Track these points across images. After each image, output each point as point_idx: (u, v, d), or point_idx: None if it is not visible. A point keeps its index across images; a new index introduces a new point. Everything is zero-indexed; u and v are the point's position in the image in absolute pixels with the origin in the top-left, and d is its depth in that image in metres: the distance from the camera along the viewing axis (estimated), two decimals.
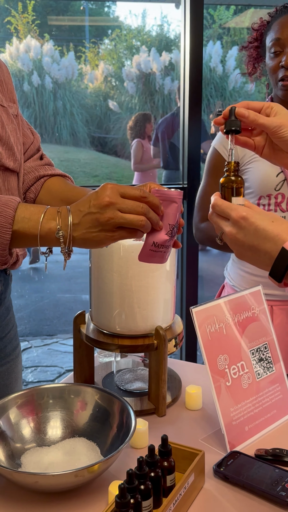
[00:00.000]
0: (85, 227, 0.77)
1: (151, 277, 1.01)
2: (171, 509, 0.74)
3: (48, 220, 0.78)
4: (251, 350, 0.98)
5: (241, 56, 6.48)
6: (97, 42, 10.79)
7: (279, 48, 1.31)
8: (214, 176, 1.45)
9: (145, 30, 10.94)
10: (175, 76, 9.39)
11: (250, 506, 0.79)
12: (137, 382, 1.12)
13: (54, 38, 10.06)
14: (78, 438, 0.91)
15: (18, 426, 0.91)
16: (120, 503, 0.69)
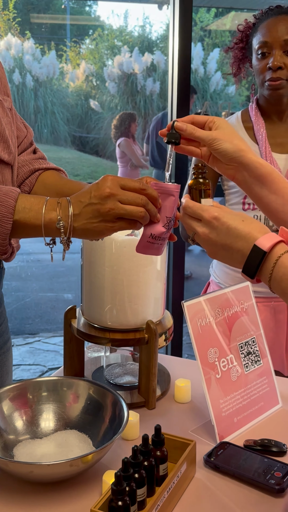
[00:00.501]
0: (86, 217, 0.78)
1: (143, 272, 1.03)
2: (165, 497, 0.75)
3: (48, 211, 0.79)
4: (240, 344, 1.00)
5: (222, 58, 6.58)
6: (78, 41, 10.76)
7: (267, 50, 1.34)
8: None
9: (127, 30, 10.95)
10: (157, 77, 9.43)
11: (241, 494, 0.81)
12: (127, 376, 1.14)
13: (35, 36, 9.99)
14: (70, 430, 0.92)
15: (11, 418, 0.91)
16: (116, 491, 0.70)
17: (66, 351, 1.12)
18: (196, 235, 0.81)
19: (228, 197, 1.47)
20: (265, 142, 1.38)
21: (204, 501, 0.80)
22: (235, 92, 9.66)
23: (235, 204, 1.44)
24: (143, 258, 1.02)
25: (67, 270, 5.08)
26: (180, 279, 2.05)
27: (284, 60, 1.32)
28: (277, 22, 1.33)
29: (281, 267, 0.72)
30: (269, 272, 0.73)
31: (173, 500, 0.78)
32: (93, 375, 1.15)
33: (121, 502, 0.70)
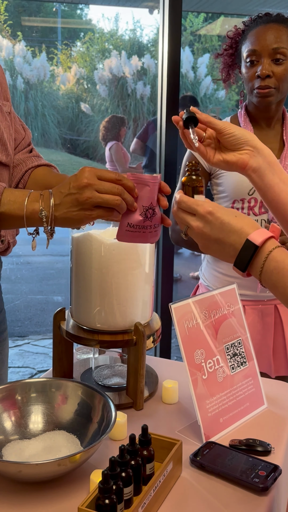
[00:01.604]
0: (66, 207, 0.83)
1: (131, 275, 1.04)
2: (151, 495, 0.77)
3: (31, 202, 0.84)
4: (226, 345, 1.02)
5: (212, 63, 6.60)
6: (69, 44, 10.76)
7: (255, 58, 1.36)
8: None
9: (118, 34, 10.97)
10: (147, 81, 9.46)
11: (226, 492, 0.83)
12: (115, 378, 1.15)
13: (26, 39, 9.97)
14: (59, 431, 0.93)
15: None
16: (103, 489, 0.71)
17: (55, 352, 1.13)
18: (190, 229, 0.83)
19: (217, 201, 1.49)
20: None
21: (190, 500, 0.82)
22: (225, 96, 9.72)
23: None
24: (131, 261, 1.03)
25: (57, 273, 5.07)
26: (169, 281, 2.06)
27: (272, 68, 1.34)
28: (266, 31, 1.35)
29: (272, 261, 0.75)
30: (260, 266, 0.76)
31: (159, 498, 0.79)
32: (82, 377, 1.16)
33: (108, 500, 0.71)
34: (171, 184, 2.02)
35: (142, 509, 0.74)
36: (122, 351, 1.19)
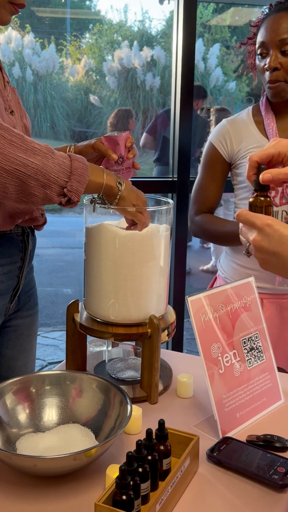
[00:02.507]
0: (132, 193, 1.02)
1: (146, 267, 1.02)
2: (169, 491, 0.75)
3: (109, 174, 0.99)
4: (243, 339, 1.00)
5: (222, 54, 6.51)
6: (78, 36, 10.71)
7: (265, 50, 1.33)
8: (210, 170, 1.47)
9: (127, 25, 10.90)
10: (157, 73, 9.39)
11: (244, 489, 0.81)
12: (129, 371, 1.13)
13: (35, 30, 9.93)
14: (73, 424, 0.92)
15: (14, 412, 0.91)
16: (121, 484, 0.70)
17: (68, 345, 1.12)
18: (250, 246, 0.79)
19: (237, 191, 1.47)
20: (275, 137, 1.37)
21: (207, 496, 0.80)
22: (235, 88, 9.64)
23: (244, 199, 1.44)
24: (146, 253, 1.02)
25: (66, 265, 5.07)
26: (182, 274, 2.05)
27: (280, 60, 1.30)
28: (276, 21, 1.31)
29: None
30: None
31: (176, 494, 0.78)
32: (95, 370, 1.15)
33: (125, 496, 0.70)
34: (184, 174, 2.00)
35: (159, 505, 0.72)
36: (136, 344, 1.17)
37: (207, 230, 1.45)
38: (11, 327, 1.18)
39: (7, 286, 1.08)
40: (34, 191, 0.89)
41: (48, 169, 0.89)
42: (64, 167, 0.91)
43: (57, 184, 0.90)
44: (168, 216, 1.08)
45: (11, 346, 1.19)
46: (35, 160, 0.87)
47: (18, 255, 1.10)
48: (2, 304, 1.08)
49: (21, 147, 0.87)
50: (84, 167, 0.93)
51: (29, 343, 1.23)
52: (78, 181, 0.92)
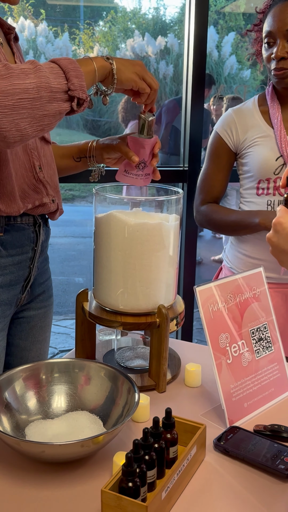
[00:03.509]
0: (125, 65, 1.00)
1: (155, 257, 1.02)
2: (175, 479, 0.76)
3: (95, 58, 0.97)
4: (251, 330, 1.00)
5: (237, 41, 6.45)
6: (91, 24, 10.63)
7: (272, 39, 1.32)
8: (215, 160, 1.46)
9: (141, 13, 10.78)
10: (170, 61, 9.30)
11: (250, 478, 0.82)
12: (137, 360, 1.14)
13: (48, 19, 9.88)
14: (82, 411, 0.93)
15: (23, 398, 0.92)
16: (127, 472, 0.71)
17: (78, 333, 1.12)
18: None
19: (242, 181, 1.46)
20: (280, 126, 1.35)
21: (213, 484, 0.81)
22: (250, 76, 9.51)
23: (249, 189, 1.43)
24: (155, 243, 1.01)
25: (79, 254, 5.09)
26: (192, 264, 2.04)
27: (287, 49, 1.29)
28: (283, 10, 1.29)
29: None
30: None
31: (182, 482, 0.78)
32: (104, 358, 1.16)
33: (132, 483, 0.70)
34: (195, 163, 1.98)
35: (165, 493, 0.73)
36: (145, 333, 1.18)
37: (212, 220, 1.44)
38: (24, 318, 1.18)
39: (18, 276, 1.09)
40: (44, 111, 0.87)
41: (46, 79, 0.86)
42: (57, 70, 0.89)
43: (60, 90, 0.88)
44: (178, 206, 1.07)
45: (24, 337, 1.19)
46: (31, 80, 0.84)
47: (29, 246, 1.10)
48: (13, 295, 1.09)
49: (12, 75, 0.83)
50: (71, 61, 0.91)
51: (42, 334, 1.22)
52: (76, 76, 0.89)
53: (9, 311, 1.09)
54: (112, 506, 0.70)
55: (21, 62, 1.10)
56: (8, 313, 1.09)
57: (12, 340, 1.17)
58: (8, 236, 1.04)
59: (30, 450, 0.79)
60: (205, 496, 0.78)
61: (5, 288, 1.06)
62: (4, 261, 1.04)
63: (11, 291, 1.07)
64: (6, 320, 1.09)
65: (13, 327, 1.16)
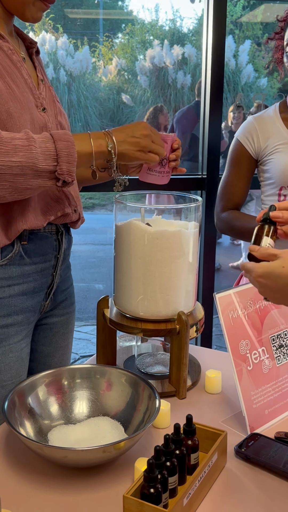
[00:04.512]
0: (128, 145, 0.99)
1: (174, 264, 1.02)
2: (196, 486, 0.75)
3: (96, 139, 0.97)
4: (272, 337, 0.98)
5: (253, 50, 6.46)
6: (111, 36, 10.74)
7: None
8: (236, 167, 1.45)
9: (158, 24, 10.85)
10: (187, 70, 9.33)
11: (271, 485, 0.80)
12: (158, 366, 1.13)
13: (68, 32, 10.01)
14: (103, 417, 0.93)
15: (46, 404, 0.93)
16: (149, 478, 0.70)
17: (99, 339, 1.13)
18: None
19: (263, 188, 1.45)
20: None
21: (234, 491, 0.79)
22: (267, 84, 9.47)
23: (271, 196, 1.42)
24: (175, 250, 1.01)
25: (99, 261, 5.11)
26: (211, 271, 2.03)
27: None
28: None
29: None
30: None
31: (204, 489, 0.78)
32: (125, 364, 1.16)
33: (153, 489, 0.70)
34: (214, 172, 1.98)
35: (187, 499, 0.72)
36: (165, 340, 1.17)
37: (233, 227, 1.43)
38: (47, 324, 1.18)
39: (41, 284, 1.09)
40: (26, 185, 0.89)
41: (34, 160, 0.87)
42: (49, 152, 0.89)
43: (46, 171, 0.89)
44: (197, 214, 1.07)
45: (47, 343, 1.19)
46: (18, 158, 0.86)
47: (52, 254, 1.11)
48: (36, 302, 1.09)
49: (1, 152, 0.86)
50: (69, 145, 0.90)
51: (65, 340, 1.23)
52: (67, 161, 0.90)
53: (33, 317, 1.10)
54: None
55: (42, 75, 1.11)
56: (32, 319, 1.09)
57: (36, 346, 1.18)
58: (31, 245, 1.05)
59: (53, 455, 0.79)
60: (226, 503, 0.77)
61: (29, 295, 1.06)
62: (28, 268, 1.05)
63: (34, 298, 1.08)
64: (30, 327, 1.09)
65: (37, 334, 1.17)
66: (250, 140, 1.43)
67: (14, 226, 1.00)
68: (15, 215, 1.00)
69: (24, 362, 1.08)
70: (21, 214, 1.00)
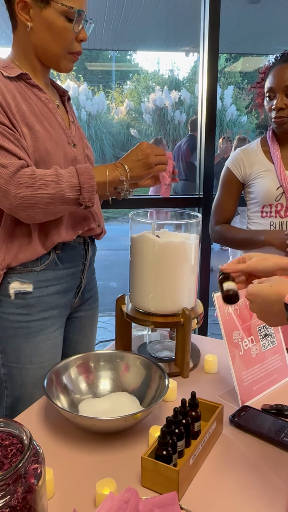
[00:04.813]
0: (138, 168, 0.99)
1: (179, 269, 1.02)
2: (199, 448, 0.75)
3: (111, 171, 0.97)
4: (258, 327, 0.98)
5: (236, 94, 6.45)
6: (121, 83, 10.78)
7: (272, 93, 1.33)
8: (227, 189, 1.46)
9: (159, 73, 10.89)
10: (183, 110, 9.35)
11: (259, 448, 0.80)
12: (165, 351, 1.13)
13: (88, 80, 10.06)
14: (122, 392, 0.93)
15: (77, 381, 0.93)
16: (162, 442, 0.70)
17: (117, 330, 1.12)
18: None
19: (249, 206, 1.45)
20: (279, 162, 1.35)
21: (229, 453, 0.79)
22: (247, 120, 9.48)
23: (255, 212, 1.42)
24: (180, 257, 1.01)
25: (112, 264, 5.11)
26: (207, 272, 2.03)
27: (285, 102, 1.30)
28: (282, 70, 1.30)
29: None
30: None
31: (206, 451, 0.77)
32: (138, 350, 1.15)
33: (165, 452, 0.70)
34: (209, 192, 1.98)
35: (192, 459, 0.72)
36: (171, 330, 1.17)
37: (225, 237, 1.43)
38: (76, 317, 1.18)
39: (72, 285, 1.10)
40: (56, 210, 0.93)
41: (61, 192, 0.90)
42: (74, 185, 0.91)
43: (71, 200, 0.92)
44: (198, 227, 1.07)
45: (76, 333, 1.20)
46: (49, 191, 0.89)
47: (80, 261, 1.11)
48: (68, 299, 1.10)
49: (35, 186, 0.88)
50: (90, 178, 0.92)
51: (90, 330, 1.23)
52: (88, 191, 0.92)
53: (65, 312, 1.10)
54: (150, 470, 0.69)
55: (73, 117, 1.11)
56: (64, 314, 1.10)
57: (67, 335, 1.18)
58: (64, 254, 1.05)
59: (84, 423, 0.79)
60: (223, 462, 0.77)
61: (62, 294, 1.07)
62: (61, 273, 1.05)
63: (66, 296, 1.09)
64: (63, 320, 1.10)
65: (68, 325, 1.17)
66: (238, 168, 1.43)
67: (50, 239, 1.00)
68: (51, 230, 1.00)
69: (59, 348, 1.08)
70: (56, 230, 1.01)
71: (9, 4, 0.96)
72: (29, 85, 0.98)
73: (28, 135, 0.93)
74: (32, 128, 0.94)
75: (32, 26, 0.95)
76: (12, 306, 1.00)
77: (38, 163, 0.94)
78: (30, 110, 0.95)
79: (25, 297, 1.01)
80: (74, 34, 0.97)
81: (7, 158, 0.89)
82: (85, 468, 0.75)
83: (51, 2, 0.93)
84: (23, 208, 0.89)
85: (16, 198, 0.88)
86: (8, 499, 0.52)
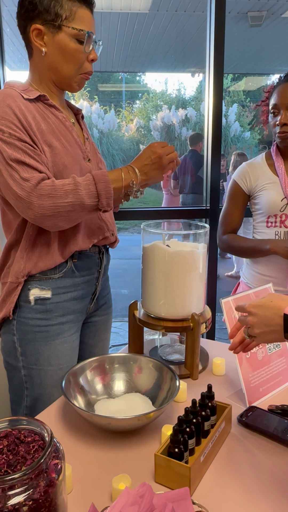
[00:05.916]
0: (152, 170, 0.98)
1: (188, 276, 1.02)
2: (209, 446, 0.75)
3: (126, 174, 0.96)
4: None
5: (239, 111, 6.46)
6: (131, 103, 10.89)
7: (276, 110, 1.34)
8: (233, 201, 1.47)
9: (167, 93, 10.99)
10: (189, 127, 9.40)
11: (266, 447, 0.80)
12: (175, 354, 1.13)
13: (100, 100, 10.19)
14: (136, 393, 0.93)
15: (92, 383, 0.93)
16: (174, 440, 0.70)
17: (130, 334, 1.13)
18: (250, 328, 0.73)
19: (255, 216, 1.46)
20: (283, 175, 1.37)
21: (238, 451, 0.79)
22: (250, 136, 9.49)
23: (261, 222, 1.42)
24: (189, 265, 1.02)
25: (124, 272, 5.12)
26: (214, 279, 2.03)
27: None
28: (286, 88, 1.33)
29: None
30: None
31: (215, 449, 0.77)
32: (150, 353, 1.16)
33: (177, 449, 0.70)
34: (215, 204, 1.99)
35: (203, 457, 0.72)
36: (181, 334, 1.17)
37: (232, 246, 1.44)
38: (91, 322, 1.19)
39: (87, 291, 1.11)
40: (77, 216, 0.94)
41: (81, 199, 0.91)
42: (92, 193, 0.92)
43: (90, 206, 0.93)
44: (206, 237, 1.08)
45: (91, 337, 1.20)
46: (69, 199, 0.90)
47: (95, 268, 1.12)
48: (84, 305, 1.11)
49: (56, 196, 0.89)
50: (106, 184, 0.92)
51: (105, 334, 1.23)
52: (106, 197, 0.92)
53: (81, 317, 1.11)
54: (163, 466, 0.70)
55: (87, 134, 1.13)
56: (80, 318, 1.11)
57: (83, 339, 1.19)
58: (80, 262, 1.07)
59: (100, 422, 0.80)
60: (232, 459, 0.76)
61: (78, 300, 1.08)
62: (78, 280, 1.07)
63: (82, 302, 1.10)
64: (79, 324, 1.11)
65: (84, 329, 1.18)
66: (244, 181, 1.44)
67: (67, 248, 1.02)
68: (69, 240, 1.02)
69: (75, 351, 1.09)
70: (73, 239, 1.02)
71: (24, 34, 1.00)
72: (47, 106, 1.01)
73: (48, 151, 0.96)
74: (51, 145, 0.96)
75: (46, 51, 0.98)
76: (32, 311, 1.02)
77: (56, 177, 0.96)
78: (48, 128, 0.98)
79: (44, 303, 1.02)
80: (85, 55, 1.00)
81: (29, 172, 0.91)
82: (102, 465, 0.75)
83: (62, 27, 0.96)
84: (47, 217, 0.91)
85: (39, 208, 0.90)
86: (31, 493, 0.53)
